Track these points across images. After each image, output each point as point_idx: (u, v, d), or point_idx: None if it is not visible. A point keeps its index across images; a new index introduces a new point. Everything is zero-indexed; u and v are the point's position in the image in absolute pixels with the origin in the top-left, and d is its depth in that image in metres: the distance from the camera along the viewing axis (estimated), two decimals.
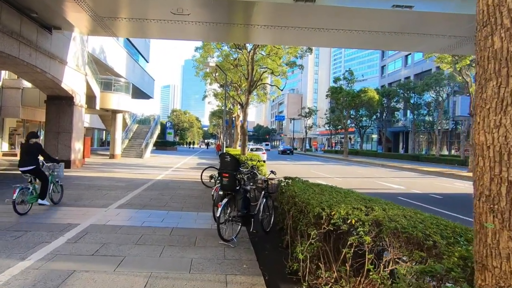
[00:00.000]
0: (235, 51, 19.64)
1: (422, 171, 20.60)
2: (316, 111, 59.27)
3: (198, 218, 5.96)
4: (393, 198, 10.37)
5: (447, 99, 35.81)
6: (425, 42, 11.33)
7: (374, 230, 2.80)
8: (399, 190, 12.16)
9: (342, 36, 10.67)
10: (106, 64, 22.70)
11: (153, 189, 9.13)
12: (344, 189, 4.85)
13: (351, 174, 18.06)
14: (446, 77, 34.52)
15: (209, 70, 22.17)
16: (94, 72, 17.19)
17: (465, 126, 32.02)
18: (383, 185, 13.52)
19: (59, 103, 12.84)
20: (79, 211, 5.95)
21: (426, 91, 36.12)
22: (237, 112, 25.84)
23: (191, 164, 19.01)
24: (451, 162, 29.53)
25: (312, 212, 3.37)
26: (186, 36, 11.15)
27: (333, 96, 37.59)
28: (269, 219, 5.50)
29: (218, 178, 8.70)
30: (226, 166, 4.44)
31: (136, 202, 7.07)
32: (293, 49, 16.81)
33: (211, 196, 7.84)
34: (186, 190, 9.15)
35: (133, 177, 11.51)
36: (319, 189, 4.81)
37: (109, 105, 19.03)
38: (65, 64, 12.13)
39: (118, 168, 14.43)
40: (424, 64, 44.75)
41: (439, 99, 35.48)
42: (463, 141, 32.15)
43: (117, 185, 9.48)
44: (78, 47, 13.25)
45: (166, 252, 4.05)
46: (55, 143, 12.85)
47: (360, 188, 12.18)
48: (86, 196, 7.48)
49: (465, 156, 30.26)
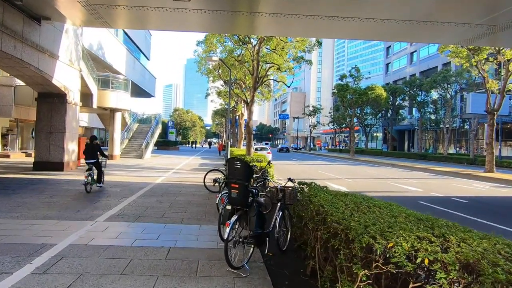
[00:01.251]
0: (239, 46, 18.70)
1: (436, 171, 19.57)
2: (321, 109, 58.17)
3: (201, 233, 5.03)
4: (413, 203, 9.42)
5: (455, 97, 34.70)
6: (446, 32, 10.31)
7: (465, 279, 1.85)
8: (417, 193, 11.20)
9: (355, 26, 9.69)
10: (105, 61, 21.81)
11: (151, 195, 8.22)
12: (382, 202, 3.91)
13: (362, 175, 17.08)
14: (454, 74, 33.40)
15: (212, 67, 21.23)
16: (90, 69, 16.31)
17: (474, 124, 30.92)
18: (398, 187, 12.55)
19: (51, 100, 11.96)
20: (59, 226, 5.04)
21: (433, 88, 34.98)
22: (241, 111, 24.90)
23: (193, 165, 18.10)
24: (460, 161, 28.74)
25: (359, 242, 2.43)
26: (188, 27, 10.21)
27: (339, 93, 36.51)
28: (286, 235, 4.56)
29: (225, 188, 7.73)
30: (236, 175, 3.51)
31: (129, 213, 6.16)
32: (300, 42, 15.83)
33: (215, 204, 6.93)
34: (187, 196, 8.23)
35: (130, 181, 10.61)
36: (351, 202, 3.87)
37: (107, 103, 18.15)
38: (56, 58, 11.24)
39: (115, 170, 13.54)
40: (430, 62, 43.80)
41: (447, 96, 34.35)
42: (472, 140, 31.05)
43: (110, 190, 8.58)
44: (71, 40, 12.35)
45: (159, 285, 3.14)
46: (46, 143, 11.97)
47: (375, 191, 11.23)
48: (73, 205, 6.58)
49: (474, 155, 29.22)
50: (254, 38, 16.43)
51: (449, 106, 34.09)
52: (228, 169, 3.62)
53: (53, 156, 11.94)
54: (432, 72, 40.86)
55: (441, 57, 42.72)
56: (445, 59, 41.60)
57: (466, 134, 37.21)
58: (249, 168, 3.50)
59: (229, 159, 3.63)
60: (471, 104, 26.71)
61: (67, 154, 12.27)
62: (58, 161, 11.97)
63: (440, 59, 42.31)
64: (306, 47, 15.89)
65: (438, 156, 32.34)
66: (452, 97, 34.10)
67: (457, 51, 20.41)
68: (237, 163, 3.51)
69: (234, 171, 3.53)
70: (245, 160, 3.93)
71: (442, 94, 35.10)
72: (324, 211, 3.40)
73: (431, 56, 44.04)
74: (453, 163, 28.53)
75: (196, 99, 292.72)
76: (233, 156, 14.00)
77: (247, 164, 3.51)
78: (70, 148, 12.48)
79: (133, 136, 24.00)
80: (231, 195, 3.53)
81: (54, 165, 11.88)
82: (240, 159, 3.52)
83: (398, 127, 46.08)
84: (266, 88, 27.17)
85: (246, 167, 3.50)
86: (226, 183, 3.62)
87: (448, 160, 30.08)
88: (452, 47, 20.51)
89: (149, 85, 34.48)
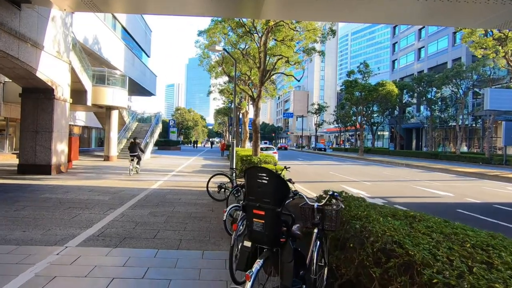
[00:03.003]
0: (244, 39, 17.37)
1: (457, 172, 18.13)
2: (327, 107, 56.69)
3: (204, 264, 3.73)
4: (451, 212, 8.08)
5: (468, 93, 33.13)
6: (487, 13, 8.91)
7: None
8: (449, 199, 9.85)
9: (380, 7, 8.35)
10: (101, 57, 20.60)
11: (144, 205, 6.94)
12: (473, 229, 2.61)
13: (378, 176, 15.71)
14: (468, 69, 31.80)
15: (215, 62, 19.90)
16: (84, 63, 15.07)
17: (490, 121, 29.37)
18: (425, 191, 11.19)
19: (37, 96, 10.70)
20: (14, 255, 3.76)
21: (445, 84, 33.38)
22: (246, 108, 23.57)
23: (195, 167, 16.83)
24: (475, 160, 27.39)
25: None
26: (188, 9, 8.92)
27: (348, 90, 35.01)
28: (323, 271, 3.25)
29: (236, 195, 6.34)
30: (262, 195, 2.18)
31: (113, 232, 4.88)
32: (312, 32, 14.45)
33: (221, 218, 5.64)
34: (187, 206, 6.95)
35: (123, 186, 9.35)
36: (424, 227, 2.60)
37: (103, 100, 16.91)
38: (41, 48, 9.98)
39: (109, 174, 12.30)
40: (439, 57, 42.40)
41: (459, 92, 32.76)
42: (488, 138, 29.51)
43: (98, 199, 7.31)
44: (59, 29, 11.09)
45: None
46: (32, 144, 10.73)
47: (401, 197, 9.90)
48: (45, 221, 5.31)
49: (490, 153, 27.76)
50: (259, 32, 15.09)
51: (462, 103, 32.54)
52: (248, 184, 2.29)
53: (40, 158, 10.70)
54: (441, 68, 39.48)
55: (450, 52, 41.42)
56: (455, 55, 40.17)
57: (478, 132, 35.77)
58: (283, 184, 2.17)
59: (250, 169, 2.28)
60: (489, 100, 25.18)
61: (55, 156, 11.02)
62: (45, 163, 10.72)
63: (449, 55, 40.85)
64: (318, 37, 14.51)
65: (451, 155, 31.17)
66: (465, 93, 32.54)
67: (482, 41, 18.97)
68: (263, 176, 2.17)
69: (258, 189, 2.20)
70: (276, 172, 2.57)
71: (454, 91, 33.52)
72: (404, 253, 2.10)
73: (440, 51, 42.72)
74: (467, 162, 27.32)
75: (198, 98, 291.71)
76: (253, 164, 12.15)
77: (279, 179, 2.18)
78: (58, 149, 11.24)
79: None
80: (253, 227, 2.22)
81: (40, 168, 10.65)
82: (267, 169, 2.18)
83: (405, 125, 44.59)
84: (271, 85, 25.85)
85: (278, 183, 2.16)
86: (245, 207, 2.30)
87: (461, 159, 28.87)
88: (476, 37, 19.08)
89: (149, 83, 33.27)
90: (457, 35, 40.01)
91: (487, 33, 19.45)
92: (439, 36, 42.82)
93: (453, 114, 34.76)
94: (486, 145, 29.54)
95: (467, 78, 31.84)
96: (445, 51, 41.76)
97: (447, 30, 40.98)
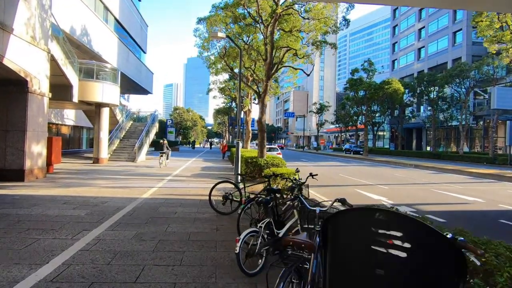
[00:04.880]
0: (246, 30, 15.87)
1: (472, 173, 16.79)
2: (328, 106, 55.28)
3: None
4: (494, 223, 6.66)
5: (470, 92, 32.00)
6: None
7: None
8: (481, 206, 8.46)
9: None
10: (91, 50, 19.01)
11: (129, 222, 5.40)
12: None
13: (391, 179, 14.26)
14: (472, 67, 30.58)
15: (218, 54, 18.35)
16: (70, 55, 13.51)
17: (494, 121, 28.18)
18: (449, 196, 9.79)
19: (6, 89, 9.10)
20: None
21: (448, 83, 32.26)
22: (248, 106, 22.04)
23: (194, 170, 15.26)
24: (478, 160, 26.89)
25: None
26: None
27: (352, 88, 33.59)
28: None
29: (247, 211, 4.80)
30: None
31: (78, 271, 3.33)
32: (323, 21, 12.97)
33: (230, 243, 4.15)
34: (185, 224, 5.41)
35: (109, 195, 7.79)
36: None
37: (92, 96, 15.32)
38: (9, 31, 8.41)
39: (96, 179, 10.73)
40: (439, 57, 41.84)
41: (462, 91, 31.67)
42: (492, 137, 28.31)
43: (71, 215, 5.76)
44: (34, 11, 9.52)
45: None
46: (2, 145, 9.13)
47: (427, 204, 8.48)
48: None
49: (494, 153, 26.70)
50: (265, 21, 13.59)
51: (465, 102, 31.43)
52: (338, 255, 0.81)
53: (10, 162, 9.11)
54: (441, 68, 38.71)
55: (450, 52, 40.37)
56: (455, 55, 39.17)
57: (479, 132, 34.88)
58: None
59: (343, 214, 0.78)
60: (496, 99, 24.09)
61: (29, 159, 9.43)
62: (17, 168, 9.13)
63: (449, 55, 40.10)
64: (330, 27, 13.03)
65: (453, 155, 30.62)
66: (468, 92, 31.44)
67: (499, 35, 17.81)
68: (393, 236, 0.67)
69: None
70: (428, 224, 1.12)
71: (457, 90, 32.39)
72: None
73: (440, 51, 42.41)
74: (470, 162, 26.76)
75: (197, 98, 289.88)
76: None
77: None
78: (34, 150, 9.65)
79: (125, 136, 21.17)
80: None
81: (11, 173, 9.06)
82: (405, 216, 0.70)
83: (406, 125, 43.58)
84: (274, 82, 24.38)
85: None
86: None
87: (465, 159, 28.40)
88: (492, 32, 18.04)
89: (145, 80, 31.67)
90: (457, 35, 39.38)
91: (503, 27, 18.42)
92: (439, 36, 42.43)
93: (455, 113, 33.75)
94: (490, 145, 28.54)
95: (470, 77, 30.79)
96: (445, 51, 41.33)
97: (447, 30, 40.65)
